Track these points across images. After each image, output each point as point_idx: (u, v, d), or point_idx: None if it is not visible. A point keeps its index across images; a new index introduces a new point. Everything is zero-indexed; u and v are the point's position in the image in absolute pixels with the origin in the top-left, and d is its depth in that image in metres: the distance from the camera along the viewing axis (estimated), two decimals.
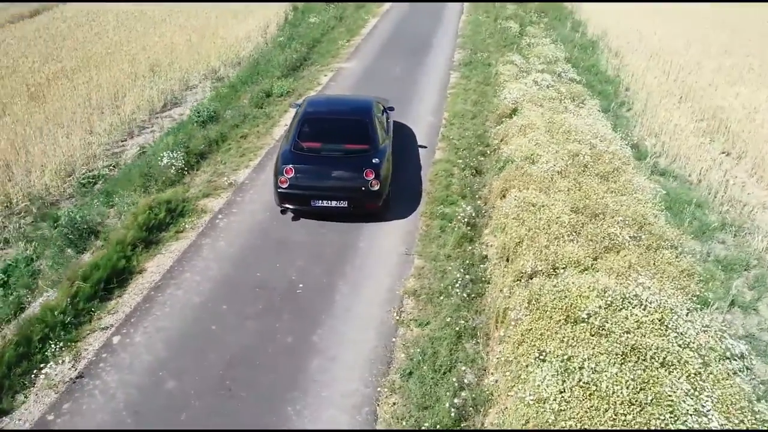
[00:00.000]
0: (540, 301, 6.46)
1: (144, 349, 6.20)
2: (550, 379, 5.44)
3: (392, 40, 18.93)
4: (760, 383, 6.13)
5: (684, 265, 7.79)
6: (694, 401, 5.30)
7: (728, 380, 5.59)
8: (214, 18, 22.13)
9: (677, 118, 13.44)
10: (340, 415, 5.51)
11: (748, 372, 6.06)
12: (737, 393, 5.42)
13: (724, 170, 11.07)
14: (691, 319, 6.61)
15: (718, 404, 5.30)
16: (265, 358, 6.12)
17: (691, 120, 13.57)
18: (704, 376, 5.66)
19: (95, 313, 6.69)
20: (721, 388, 5.45)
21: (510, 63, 15.70)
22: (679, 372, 5.87)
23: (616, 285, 6.96)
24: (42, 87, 16.01)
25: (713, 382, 5.55)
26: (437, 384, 5.82)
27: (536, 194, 8.84)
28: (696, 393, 5.41)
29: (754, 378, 6.16)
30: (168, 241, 8.13)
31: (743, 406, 5.27)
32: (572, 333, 6.03)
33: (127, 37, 19.93)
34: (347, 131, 8.74)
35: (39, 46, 19.34)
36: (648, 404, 5.26)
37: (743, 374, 5.92)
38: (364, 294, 7.18)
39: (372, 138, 8.69)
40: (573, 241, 7.78)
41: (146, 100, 14.47)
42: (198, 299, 6.98)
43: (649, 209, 9.01)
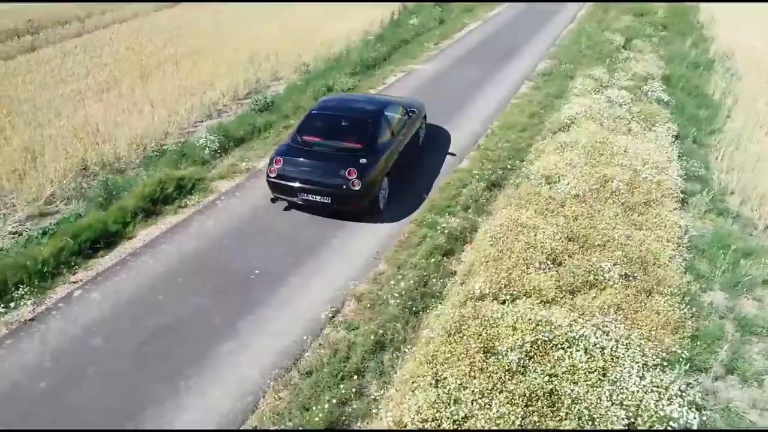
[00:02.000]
0: (463, 324, 6.06)
1: (95, 305, 6.85)
2: (424, 407, 5.11)
3: (482, 46, 18.48)
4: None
5: (675, 316, 6.84)
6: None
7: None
8: (322, 16, 23.16)
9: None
10: (222, 397, 5.66)
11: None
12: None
13: None
14: (641, 376, 5.82)
15: None
16: (189, 332, 6.45)
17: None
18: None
19: (74, 268, 7.50)
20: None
21: (589, 77, 14.61)
22: (591, 428, 5.24)
23: (571, 324, 6.32)
24: (151, 69, 17.97)
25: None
26: (329, 389, 5.74)
27: (533, 216, 8.25)
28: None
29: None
30: (167, 214, 8.83)
31: None
32: (480, 364, 5.60)
33: (237, 30, 21.60)
34: (346, 130, 8.81)
35: (163, 34, 21.69)
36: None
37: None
38: (312, 290, 7.24)
39: (369, 138, 8.67)
40: (546, 271, 7.16)
41: (232, 88, 15.57)
42: (162, 270, 7.52)
43: (665, 249, 8.00)
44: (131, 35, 22.10)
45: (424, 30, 20.45)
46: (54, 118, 13.84)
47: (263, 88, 16.11)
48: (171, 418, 5.44)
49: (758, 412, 6.16)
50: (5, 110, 14.79)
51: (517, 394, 5.35)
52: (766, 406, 6.26)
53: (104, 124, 12.94)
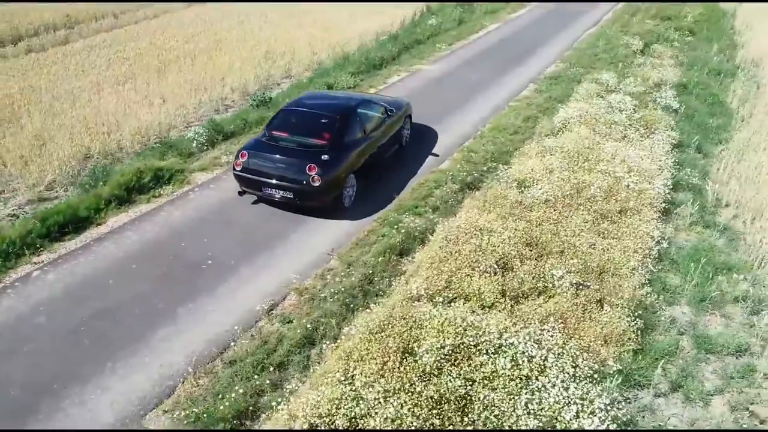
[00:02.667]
0: (388, 324, 6.02)
1: (47, 286, 7.13)
2: (323, 402, 5.11)
3: (495, 48, 18.23)
4: None
5: (619, 329, 6.61)
6: None
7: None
8: (347, 16, 23.28)
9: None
10: (144, 381, 5.81)
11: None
12: None
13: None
14: (566, 387, 5.66)
15: None
16: (129, 316, 6.63)
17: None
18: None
19: (39, 250, 7.83)
20: None
21: (596, 82, 14.23)
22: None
23: (503, 331, 6.19)
24: (169, 63, 18.51)
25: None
26: (247, 379, 5.80)
27: (494, 220, 8.10)
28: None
29: None
30: (140, 203, 9.10)
31: None
32: (394, 364, 5.55)
33: (260, 28, 22.00)
34: (313, 126, 8.87)
35: (187, 30, 22.31)
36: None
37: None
38: (258, 282, 7.33)
39: (335, 136, 8.70)
40: (492, 275, 7.02)
41: (243, 84, 15.87)
42: (121, 255, 7.76)
43: (629, 259, 7.73)
44: (157, 31, 22.81)
45: (441, 31, 20.32)
46: (69, 108, 14.39)
47: (273, 85, 16.35)
48: (89, 397, 5.61)
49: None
50: (26, 99, 15.51)
51: (424, 396, 5.28)
52: (706, 427, 5.97)
53: (114, 115, 13.40)
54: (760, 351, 6.98)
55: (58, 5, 27.05)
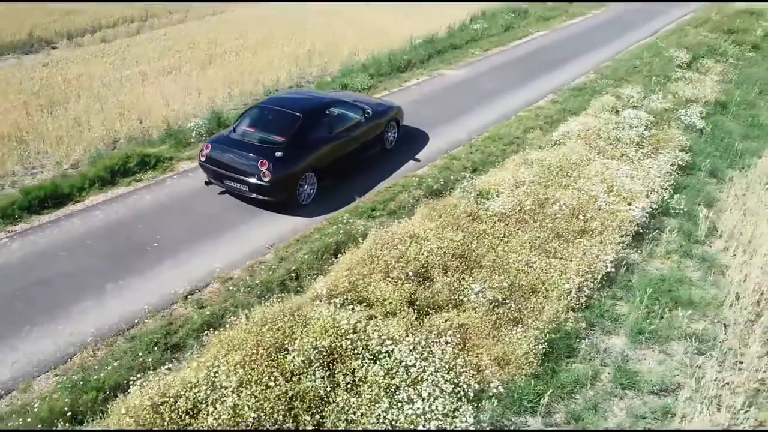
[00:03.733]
0: (275, 318, 6.17)
1: (8, 253, 7.87)
2: (174, 384, 5.35)
3: (531, 56, 17.74)
4: None
5: (521, 351, 6.39)
6: None
7: None
8: (402, 17, 23.39)
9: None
10: (50, 346, 6.33)
11: None
12: None
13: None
14: (433, 401, 5.58)
15: None
16: (62, 287, 7.20)
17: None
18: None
19: (17, 220, 8.65)
20: None
21: (616, 95, 13.54)
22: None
23: (385, 338, 6.16)
24: (215, 58, 19.57)
25: None
26: (138, 356, 6.16)
27: (433, 228, 8.03)
28: None
29: None
30: (120, 185, 9.78)
31: None
32: (263, 359, 5.70)
33: (312, 26, 22.68)
34: (276, 123, 9.14)
35: (242, 26, 23.41)
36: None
37: None
38: (190, 267, 7.69)
39: (295, 134, 8.93)
40: (405, 283, 6.96)
41: (276, 80, 16.52)
42: (81, 231, 8.42)
43: (566, 282, 7.39)
44: (215, 27, 24.11)
45: (483, 36, 20.02)
46: (112, 95, 15.61)
47: (304, 83, 16.85)
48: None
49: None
50: (80, 84, 16.99)
51: (277, 392, 5.40)
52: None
53: (149, 104, 14.34)
54: (688, 394, 6.47)
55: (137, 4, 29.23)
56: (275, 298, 6.72)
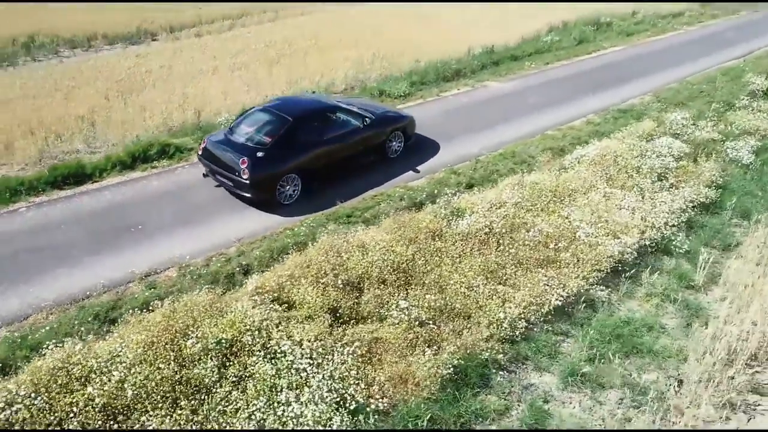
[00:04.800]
0: (173, 308, 6.62)
1: (22, 221, 9.01)
2: (70, 359, 5.92)
3: (589, 72, 16.93)
4: None
5: (422, 372, 6.38)
6: None
7: None
8: (487, 25, 23.22)
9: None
10: (15, 304, 7.18)
11: None
12: None
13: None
14: (304, 408, 5.78)
15: None
16: (49, 255, 8.13)
17: None
18: None
19: (40, 192, 9.85)
20: None
21: (657, 120, 12.64)
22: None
23: (294, 340, 6.42)
24: (284, 57, 20.68)
25: None
26: (71, 327, 6.88)
27: (385, 239, 8.12)
28: None
29: None
30: (137, 170, 10.77)
31: None
32: (163, 344, 6.17)
33: (389, 29, 23.15)
34: (266, 124, 9.60)
35: (320, 27, 24.41)
36: None
37: None
38: (158, 251, 8.36)
39: (281, 136, 9.34)
40: (331, 291, 7.14)
41: (331, 81, 17.20)
42: (86, 208, 9.41)
43: (507, 311, 7.17)
44: (296, 27, 25.39)
45: (551, 48, 19.38)
46: (181, 86, 17.08)
47: (357, 86, 17.34)
48: None
49: None
50: (158, 75, 18.76)
51: (164, 374, 5.83)
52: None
53: (209, 96, 15.52)
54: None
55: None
56: (206, 289, 7.16)
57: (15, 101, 16.01)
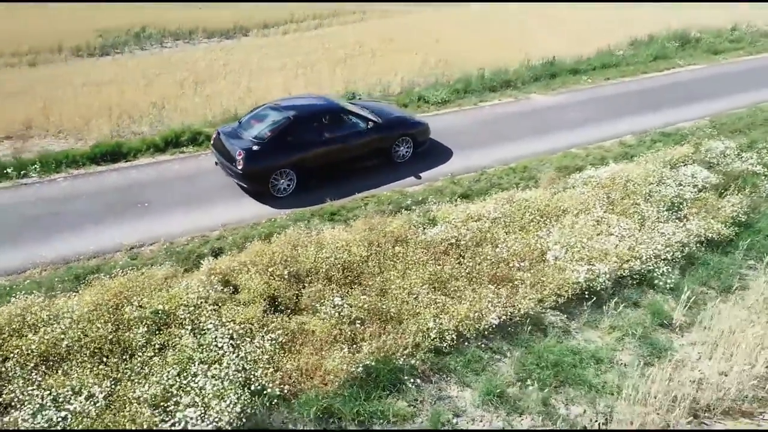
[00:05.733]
0: (139, 281, 7.39)
1: (55, 188, 10.37)
2: (35, 305, 6.88)
3: (648, 92, 16.00)
4: None
5: (331, 366, 6.69)
6: None
7: None
8: (565, 35, 22.65)
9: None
10: (20, 258, 8.34)
11: None
12: None
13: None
14: (216, 379, 6.31)
15: None
16: (63, 220, 9.32)
17: None
18: None
19: (80, 166, 11.20)
20: None
21: (695, 146, 11.76)
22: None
23: (224, 320, 6.98)
24: (352, 57, 21.48)
25: None
26: (54, 283, 7.90)
27: (346, 239, 8.46)
28: None
29: None
30: (166, 153, 11.88)
31: None
32: (106, 309, 6.96)
33: (471, 32, 23.25)
34: (269, 121, 10.20)
35: (396, 29, 24.93)
36: None
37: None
38: (153, 227, 9.26)
39: (279, 132, 9.93)
40: (274, 281, 7.60)
41: (387, 84, 17.71)
42: (110, 184, 10.59)
43: (441, 324, 7.25)
44: (374, 29, 26.13)
45: (619, 63, 18.44)
46: (248, 80, 18.38)
47: (410, 89, 17.64)
48: None
49: None
50: (230, 68, 20.27)
51: (100, 334, 6.60)
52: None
53: (269, 91, 16.57)
54: None
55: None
56: (169, 265, 7.91)
57: (104, 84, 18.11)
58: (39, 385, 6.10)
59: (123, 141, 12.06)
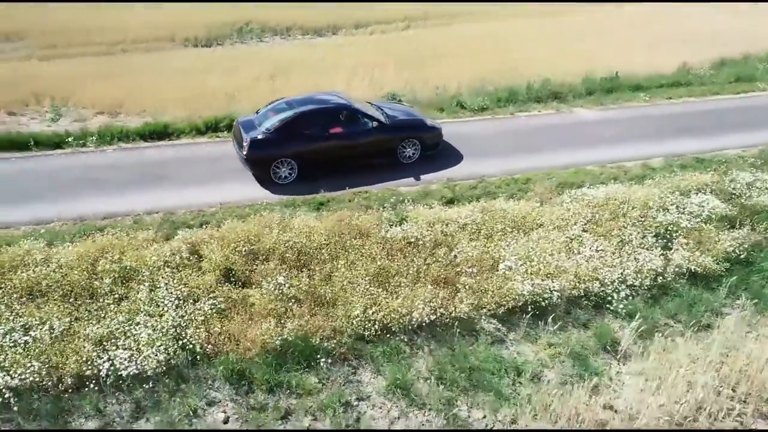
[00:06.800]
0: (125, 241, 8.60)
1: (102, 158, 12.05)
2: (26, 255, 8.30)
3: (707, 114, 15.03)
4: None
5: (252, 335, 7.46)
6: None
7: None
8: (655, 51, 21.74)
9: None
10: (52, 212, 9.92)
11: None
12: None
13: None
14: (153, 329, 7.35)
15: None
16: (96, 186, 10.88)
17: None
18: None
19: (131, 141, 12.87)
20: None
21: (722, 174, 11.03)
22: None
23: (177, 285, 8.01)
24: (439, 57, 22.00)
25: None
26: (62, 233, 9.36)
27: (312, 227, 9.13)
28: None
29: None
30: (204, 136, 13.22)
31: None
32: (89, 260, 8.24)
33: (540, 42, 23.10)
34: (280, 114, 11.09)
35: (496, 33, 25.07)
36: None
37: None
38: (163, 197, 10.53)
39: (283, 125, 10.83)
40: (235, 254, 8.49)
41: (442, 89, 18.07)
42: (144, 159, 12.09)
43: (364, 312, 7.78)
44: (457, 33, 26.50)
45: (692, 83, 17.30)
46: (315, 77, 19.46)
47: (474, 92, 17.67)
48: (34, 205, 10.13)
49: None
50: (304, 64, 21.63)
51: (76, 279, 7.84)
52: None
53: (330, 87, 17.48)
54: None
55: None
56: (155, 232, 9.08)
57: (193, 72, 20.14)
58: (17, 313, 7.44)
59: (170, 122, 13.60)
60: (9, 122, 14.92)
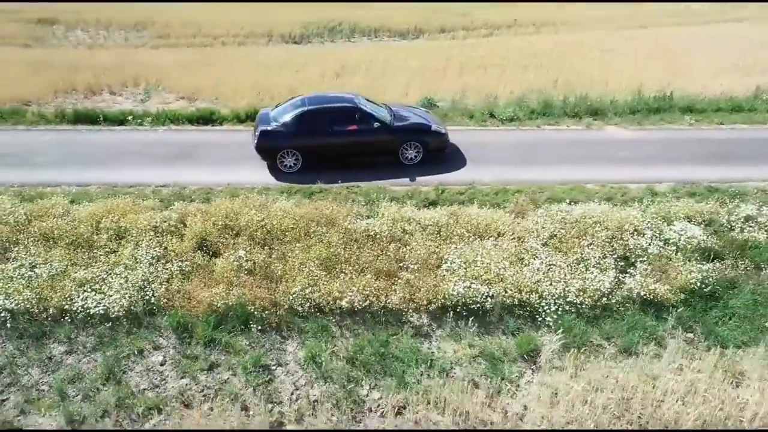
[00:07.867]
0: (128, 205, 10.16)
1: (149, 137, 13.92)
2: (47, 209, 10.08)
3: (745, 143, 14.01)
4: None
5: (202, 297, 8.66)
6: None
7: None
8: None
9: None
10: (94, 178, 11.92)
11: None
12: None
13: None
14: (125, 279, 8.82)
15: None
16: (133, 159, 12.70)
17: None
18: None
19: (191, 125, 14.66)
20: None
21: (723, 206, 10.58)
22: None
23: (158, 249, 9.41)
24: (478, 69, 22.33)
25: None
26: (88, 196, 11.14)
27: (288, 212, 10.17)
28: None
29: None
30: (243, 124, 14.70)
31: None
32: (94, 219, 9.88)
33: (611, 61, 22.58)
34: (292, 109, 12.17)
35: (553, 47, 24.77)
36: None
37: None
38: (184, 173, 12.05)
39: (291, 121, 11.92)
40: (211, 228, 9.74)
41: (482, 98, 18.36)
42: (185, 140, 13.79)
43: (300, 286, 8.73)
44: (534, 42, 26.36)
45: (755, 109, 16.12)
46: (371, 79, 20.44)
47: (515, 106, 17.97)
48: (83, 173, 12.11)
49: None
50: (371, 65, 22.78)
51: (79, 232, 9.49)
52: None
53: (383, 90, 18.60)
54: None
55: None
56: (159, 202, 10.59)
57: (274, 66, 22.07)
58: (30, 252, 9.20)
59: (216, 109, 15.27)
60: (108, 100, 17.60)
